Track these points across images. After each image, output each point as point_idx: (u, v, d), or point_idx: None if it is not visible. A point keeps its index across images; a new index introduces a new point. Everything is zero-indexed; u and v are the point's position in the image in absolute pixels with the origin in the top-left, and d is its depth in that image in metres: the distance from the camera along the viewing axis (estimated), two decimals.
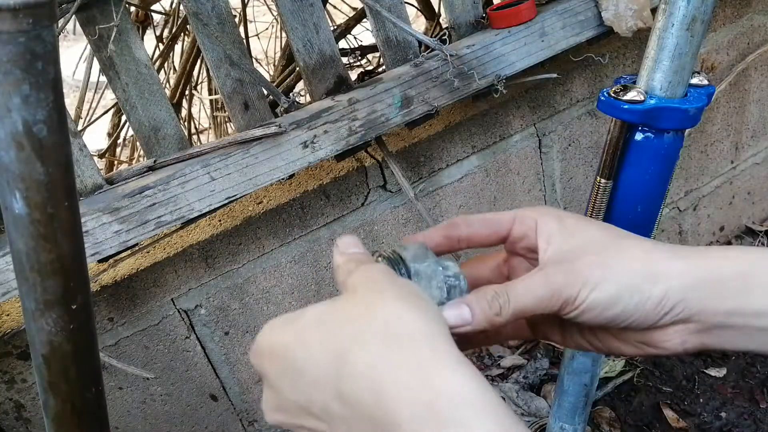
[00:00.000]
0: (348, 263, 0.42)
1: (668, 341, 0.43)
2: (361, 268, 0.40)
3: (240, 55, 0.79)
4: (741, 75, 1.36)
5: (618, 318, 0.43)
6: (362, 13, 1.17)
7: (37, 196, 0.37)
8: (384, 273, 0.39)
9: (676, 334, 0.43)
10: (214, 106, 1.67)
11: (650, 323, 0.43)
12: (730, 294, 0.41)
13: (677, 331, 0.43)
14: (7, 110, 0.34)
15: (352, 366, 0.33)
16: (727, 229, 1.57)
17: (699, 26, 0.64)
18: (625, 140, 0.70)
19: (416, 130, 1.06)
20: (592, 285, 0.42)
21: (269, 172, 0.81)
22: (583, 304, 0.42)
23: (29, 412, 0.89)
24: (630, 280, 0.42)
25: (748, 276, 0.41)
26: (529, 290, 0.43)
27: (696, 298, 0.41)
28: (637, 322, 0.42)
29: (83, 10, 0.70)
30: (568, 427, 0.98)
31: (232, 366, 1.04)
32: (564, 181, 1.25)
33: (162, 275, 0.92)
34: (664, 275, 0.42)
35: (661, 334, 0.43)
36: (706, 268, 0.42)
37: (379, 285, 0.37)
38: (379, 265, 0.41)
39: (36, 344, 0.42)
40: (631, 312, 0.42)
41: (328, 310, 0.37)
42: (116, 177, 0.78)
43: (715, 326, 0.42)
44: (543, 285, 0.43)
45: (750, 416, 1.21)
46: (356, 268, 0.40)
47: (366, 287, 0.38)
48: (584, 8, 0.97)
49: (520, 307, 0.43)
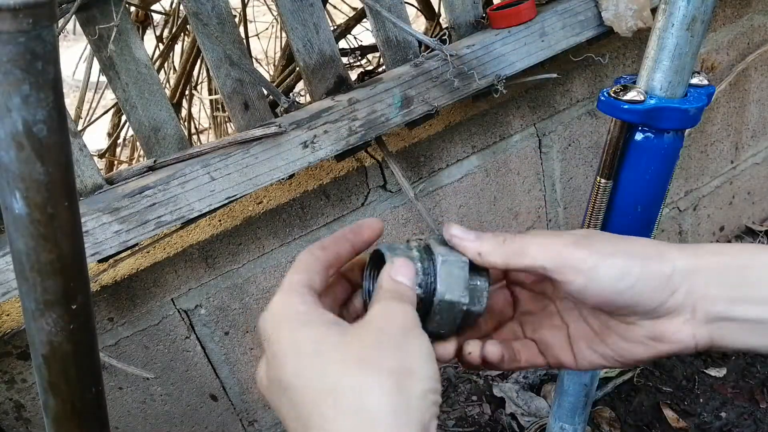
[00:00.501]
0: (391, 290, 0.42)
1: (678, 333, 0.43)
2: (395, 308, 0.40)
3: (240, 55, 0.79)
4: (741, 75, 1.36)
5: (625, 294, 0.42)
6: (362, 13, 1.17)
7: (37, 196, 0.37)
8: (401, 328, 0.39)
9: (686, 325, 0.43)
10: (214, 106, 1.66)
11: (658, 303, 0.42)
12: (731, 282, 0.42)
13: (686, 321, 0.42)
14: (7, 110, 0.34)
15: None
16: (727, 229, 1.57)
17: (699, 26, 0.64)
18: (625, 140, 0.70)
19: (416, 130, 1.06)
20: (602, 253, 0.42)
21: (269, 172, 0.81)
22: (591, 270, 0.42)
23: (29, 412, 0.89)
24: (639, 256, 0.43)
25: (748, 268, 0.42)
26: (538, 240, 0.44)
27: (700, 282, 0.42)
28: (645, 300, 0.42)
29: (83, 10, 0.70)
30: (568, 427, 0.98)
31: (232, 366, 1.04)
32: (564, 181, 1.25)
33: (162, 275, 0.92)
34: (669, 257, 0.43)
35: (669, 325, 0.43)
36: (708, 259, 0.43)
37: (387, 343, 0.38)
38: (402, 311, 0.41)
39: (36, 344, 0.42)
40: (641, 288, 0.42)
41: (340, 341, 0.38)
42: (116, 177, 0.78)
43: (720, 317, 0.42)
44: (555, 240, 0.44)
45: (750, 416, 1.21)
46: (392, 302, 0.41)
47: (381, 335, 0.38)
48: (584, 8, 0.97)
49: (525, 249, 0.44)
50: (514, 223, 1.22)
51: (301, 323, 0.39)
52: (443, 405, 1.28)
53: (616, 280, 0.42)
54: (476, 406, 1.27)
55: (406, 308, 0.41)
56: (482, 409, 1.27)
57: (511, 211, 1.21)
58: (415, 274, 0.44)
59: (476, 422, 1.25)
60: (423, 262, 0.46)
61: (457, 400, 1.29)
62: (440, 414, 1.26)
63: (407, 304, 0.41)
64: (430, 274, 0.45)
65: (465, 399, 1.29)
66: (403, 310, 0.41)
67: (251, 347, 1.04)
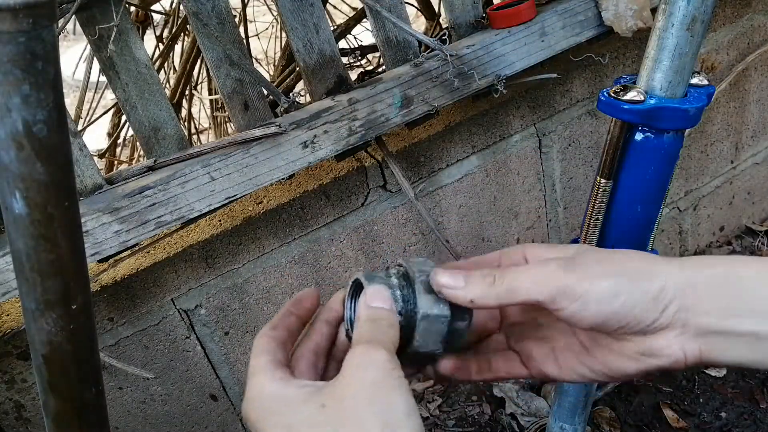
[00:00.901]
0: (368, 331, 0.43)
1: (668, 348, 0.43)
2: (367, 362, 0.40)
3: (240, 55, 0.79)
4: (741, 75, 1.36)
5: (618, 314, 0.42)
6: (362, 13, 1.17)
7: (37, 196, 0.36)
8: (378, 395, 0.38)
9: (676, 339, 0.42)
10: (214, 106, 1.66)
11: (650, 321, 0.42)
12: (722, 295, 0.42)
13: (676, 336, 0.42)
14: (7, 110, 0.34)
15: None
16: (727, 229, 1.57)
17: (699, 26, 0.64)
18: (625, 140, 0.70)
19: (416, 130, 1.06)
20: (592, 277, 0.42)
21: (269, 172, 0.81)
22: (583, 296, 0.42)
23: (29, 412, 0.89)
24: (629, 274, 0.43)
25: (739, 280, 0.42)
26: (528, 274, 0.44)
27: (691, 297, 0.42)
28: (637, 318, 0.42)
29: (83, 10, 0.70)
30: (568, 427, 0.98)
31: (232, 366, 1.04)
32: (564, 181, 1.25)
33: (162, 275, 0.92)
34: (660, 272, 0.42)
35: (660, 340, 0.43)
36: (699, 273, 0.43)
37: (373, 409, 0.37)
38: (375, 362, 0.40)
39: (36, 344, 0.42)
40: (631, 306, 0.42)
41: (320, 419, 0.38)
42: (116, 177, 0.78)
43: (710, 330, 0.41)
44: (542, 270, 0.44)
45: (750, 416, 1.21)
46: (365, 353, 0.40)
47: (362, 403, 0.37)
48: (584, 8, 0.97)
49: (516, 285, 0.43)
50: (514, 223, 1.22)
51: (276, 405, 0.40)
52: (443, 405, 1.28)
53: (607, 303, 0.42)
54: (476, 406, 1.28)
55: (380, 356, 0.40)
56: (482, 409, 1.27)
57: (511, 211, 1.21)
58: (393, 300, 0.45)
59: (476, 422, 1.25)
60: (402, 290, 0.46)
61: (457, 400, 1.29)
62: (440, 414, 1.26)
63: (381, 350, 0.40)
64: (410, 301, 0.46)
65: (465, 399, 1.29)
66: (377, 360, 0.40)
67: (251, 347, 1.04)
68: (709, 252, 1.55)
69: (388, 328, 0.43)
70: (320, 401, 0.39)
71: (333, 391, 0.39)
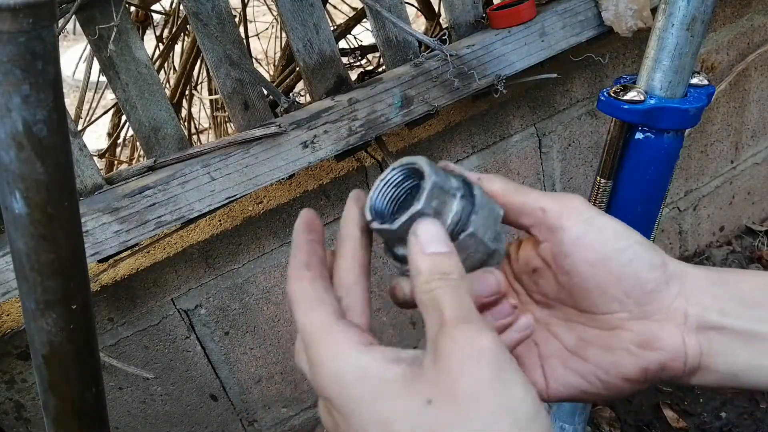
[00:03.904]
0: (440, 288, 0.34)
1: (669, 338, 0.40)
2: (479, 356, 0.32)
3: (240, 55, 0.79)
4: (741, 75, 1.36)
5: (621, 255, 0.39)
6: (362, 13, 1.17)
7: (37, 196, 0.37)
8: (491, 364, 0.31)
9: (677, 329, 0.41)
10: (214, 106, 1.66)
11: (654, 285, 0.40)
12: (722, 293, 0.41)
13: (678, 326, 0.41)
14: (7, 110, 0.34)
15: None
16: (727, 229, 1.57)
17: (699, 26, 0.64)
18: (625, 140, 0.70)
19: (416, 130, 1.06)
20: (601, 214, 0.41)
21: (269, 172, 0.81)
22: (591, 220, 0.40)
23: (29, 412, 0.89)
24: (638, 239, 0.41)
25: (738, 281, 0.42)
26: (543, 192, 0.42)
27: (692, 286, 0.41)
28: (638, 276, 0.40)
29: (83, 10, 0.70)
30: (568, 427, 0.98)
31: (232, 366, 1.04)
32: (564, 181, 1.25)
33: (162, 275, 0.92)
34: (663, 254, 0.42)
35: (660, 329, 0.41)
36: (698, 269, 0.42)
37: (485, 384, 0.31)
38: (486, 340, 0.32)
39: (36, 344, 0.42)
40: (639, 255, 0.39)
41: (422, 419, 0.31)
42: (116, 177, 0.78)
43: (711, 326, 0.40)
44: (545, 195, 0.42)
45: (750, 416, 1.21)
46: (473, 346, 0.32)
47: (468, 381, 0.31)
48: (584, 8, 0.97)
49: (530, 191, 0.41)
50: None
51: (367, 389, 0.33)
52: None
53: (613, 240, 0.39)
54: None
55: (488, 343, 0.32)
56: None
57: None
58: (447, 225, 0.38)
59: None
60: (463, 200, 0.39)
61: None
62: None
63: (486, 334, 0.32)
64: (468, 212, 0.39)
65: None
66: (487, 350, 0.32)
67: (251, 347, 1.04)
68: (708, 252, 1.55)
69: (462, 284, 0.35)
70: (425, 394, 0.31)
71: (438, 382, 0.31)
